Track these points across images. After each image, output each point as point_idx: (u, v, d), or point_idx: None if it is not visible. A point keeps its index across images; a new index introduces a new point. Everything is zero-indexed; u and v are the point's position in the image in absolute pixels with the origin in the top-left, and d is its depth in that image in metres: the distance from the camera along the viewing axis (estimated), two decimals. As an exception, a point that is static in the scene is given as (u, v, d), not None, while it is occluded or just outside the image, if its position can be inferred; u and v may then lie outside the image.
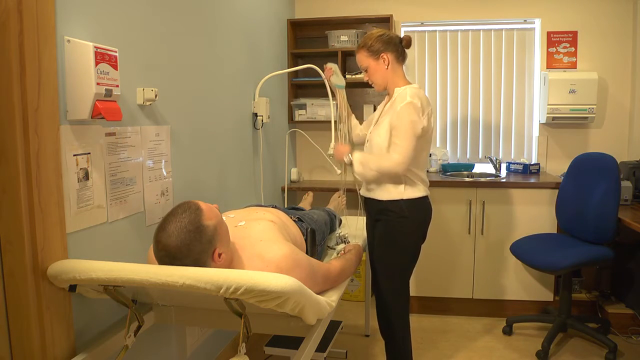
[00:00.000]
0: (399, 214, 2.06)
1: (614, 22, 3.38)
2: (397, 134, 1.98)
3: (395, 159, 1.97)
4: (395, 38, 2.10)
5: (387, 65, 2.08)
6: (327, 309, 1.50)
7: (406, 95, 2.00)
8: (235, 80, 2.56)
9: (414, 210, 2.07)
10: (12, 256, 1.27)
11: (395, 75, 2.11)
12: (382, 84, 2.13)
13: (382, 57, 2.07)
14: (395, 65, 2.10)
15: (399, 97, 2.03)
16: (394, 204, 2.06)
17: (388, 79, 2.11)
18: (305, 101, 3.58)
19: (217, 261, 1.37)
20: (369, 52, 2.09)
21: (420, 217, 2.11)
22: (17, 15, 1.20)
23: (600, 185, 2.66)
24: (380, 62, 2.08)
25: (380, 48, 2.07)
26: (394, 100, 2.07)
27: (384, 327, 2.17)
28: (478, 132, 3.68)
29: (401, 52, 2.12)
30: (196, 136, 2.14)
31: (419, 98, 1.99)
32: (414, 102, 1.96)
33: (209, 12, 2.25)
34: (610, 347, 2.60)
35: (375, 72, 2.11)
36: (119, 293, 1.37)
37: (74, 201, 1.39)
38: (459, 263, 3.19)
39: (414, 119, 1.96)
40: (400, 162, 1.96)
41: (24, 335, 1.29)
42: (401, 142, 1.97)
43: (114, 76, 1.42)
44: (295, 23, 3.63)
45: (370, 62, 2.10)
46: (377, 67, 2.10)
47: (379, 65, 2.09)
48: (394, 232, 2.08)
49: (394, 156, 1.97)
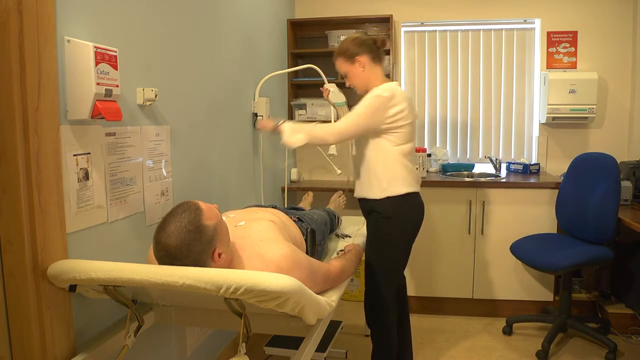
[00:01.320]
0: (384, 215, 2.08)
1: (614, 22, 3.38)
2: (348, 114, 2.06)
3: (330, 128, 2.04)
4: (368, 40, 2.14)
5: (363, 67, 2.12)
6: (327, 309, 1.50)
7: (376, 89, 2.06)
8: (235, 80, 2.56)
9: (399, 210, 2.08)
10: (12, 256, 1.27)
11: (373, 76, 2.14)
12: (362, 86, 2.16)
13: (357, 60, 2.12)
14: (371, 66, 2.13)
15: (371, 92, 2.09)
16: (378, 204, 2.09)
17: (366, 81, 2.15)
18: (305, 101, 3.58)
19: (217, 261, 1.37)
20: (344, 57, 2.14)
21: (406, 216, 2.11)
22: (17, 15, 1.20)
23: (600, 185, 2.66)
24: (356, 65, 2.13)
25: (354, 52, 2.11)
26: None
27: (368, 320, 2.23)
28: (478, 132, 3.68)
29: (376, 52, 2.15)
30: (196, 136, 2.14)
31: (389, 90, 2.03)
32: (379, 94, 2.01)
33: (209, 12, 2.25)
34: (610, 347, 2.60)
35: (354, 76, 2.16)
36: (119, 293, 1.37)
37: (74, 201, 1.39)
38: (459, 263, 3.19)
39: (371, 103, 2.01)
40: (336, 132, 2.02)
41: (24, 335, 1.29)
42: (345, 119, 2.04)
43: (114, 76, 1.42)
44: (295, 23, 3.63)
45: (347, 68, 2.15)
46: (354, 71, 2.14)
47: (355, 69, 2.14)
48: (379, 232, 2.11)
49: (331, 126, 2.05)
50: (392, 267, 2.15)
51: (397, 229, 2.10)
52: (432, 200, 3.11)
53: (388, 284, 2.14)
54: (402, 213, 2.09)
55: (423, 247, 3.18)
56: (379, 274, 2.14)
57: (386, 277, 2.14)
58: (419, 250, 3.17)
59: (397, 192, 2.07)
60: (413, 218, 2.14)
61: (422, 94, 3.70)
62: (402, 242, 2.14)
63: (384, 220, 2.09)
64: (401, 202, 2.08)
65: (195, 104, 2.13)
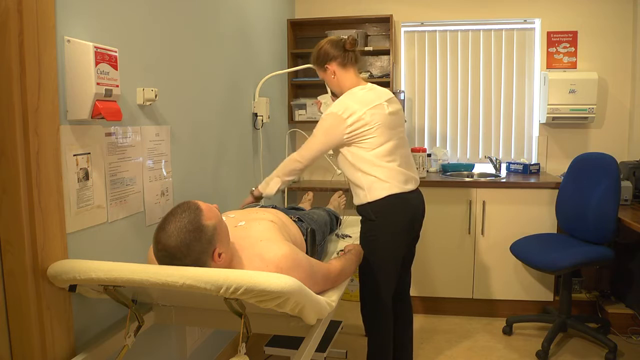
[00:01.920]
0: (368, 218, 2.08)
1: (614, 22, 3.38)
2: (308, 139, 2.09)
3: (296, 156, 2.09)
4: (335, 43, 2.09)
5: (334, 74, 2.11)
6: (327, 309, 1.50)
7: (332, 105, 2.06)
8: (235, 80, 2.56)
9: (382, 213, 2.03)
10: (12, 256, 1.27)
11: (344, 81, 2.12)
12: (339, 92, 2.15)
13: (327, 68, 2.11)
14: (340, 72, 2.11)
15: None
16: (362, 209, 2.09)
17: (339, 86, 2.14)
18: (305, 101, 3.58)
19: (217, 261, 1.37)
20: (317, 66, 2.15)
21: (390, 218, 2.04)
22: (17, 15, 1.20)
23: (600, 185, 2.66)
24: (328, 73, 2.12)
25: (323, 59, 2.11)
26: None
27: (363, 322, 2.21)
28: (478, 132, 3.68)
29: (345, 56, 2.09)
30: (196, 136, 2.14)
31: (343, 104, 2.01)
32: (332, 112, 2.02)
33: (209, 12, 2.25)
34: (610, 347, 2.60)
35: (329, 82, 2.17)
36: (119, 293, 1.37)
37: (74, 201, 1.39)
38: (459, 263, 3.19)
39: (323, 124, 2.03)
40: (294, 160, 2.08)
41: (24, 335, 1.29)
42: (306, 144, 2.07)
43: (114, 76, 1.42)
44: (295, 23, 3.63)
45: (322, 75, 2.17)
46: (327, 78, 2.15)
47: (328, 76, 2.14)
48: (366, 236, 2.10)
49: (296, 153, 2.09)
50: (381, 268, 2.09)
51: (382, 232, 2.04)
52: (432, 201, 3.11)
53: (379, 285, 2.10)
54: (385, 216, 2.03)
55: (423, 247, 3.18)
56: (370, 276, 2.11)
57: (376, 278, 2.10)
58: (420, 250, 3.16)
59: (377, 196, 2.02)
60: (399, 221, 2.06)
61: (422, 94, 3.70)
62: (388, 244, 2.06)
63: (368, 223, 2.07)
64: (383, 206, 2.02)
65: (195, 104, 2.13)
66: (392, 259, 2.11)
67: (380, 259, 2.09)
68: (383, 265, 2.10)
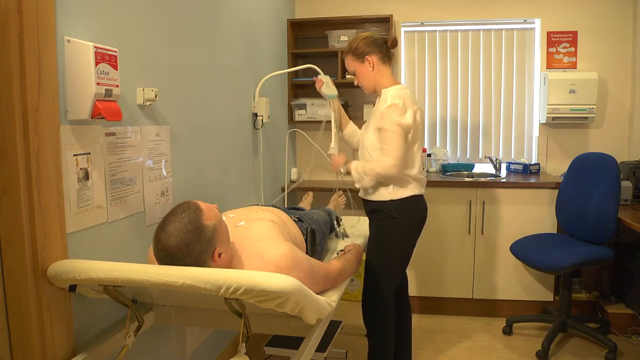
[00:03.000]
0: (388, 215, 2.09)
1: (614, 22, 3.38)
2: (384, 138, 2.02)
3: (387, 163, 2.00)
4: (379, 39, 2.13)
5: (372, 67, 2.11)
6: (327, 309, 1.50)
7: (387, 97, 2.05)
8: (235, 80, 2.56)
9: (403, 211, 2.09)
10: (12, 256, 1.27)
11: (381, 77, 2.13)
12: (370, 86, 2.16)
13: (367, 59, 2.11)
14: (380, 67, 2.12)
15: (382, 99, 2.09)
16: (383, 205, 2.10)
17: (375, 80, 2.14)
18: (305, 101, 3.58)
19: (217, 261, 1.37)
20: (354, 55, 2.13)
21: (410, 217, 2.12)
22: (17, 15, 1.20)
23: (600, 185, 2.66)
24: (366, 64, 2.12)
25: (365, 51, 2.10)
26: (378, 103, 2.12)
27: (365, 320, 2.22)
28: (478, 132, 3.68)
29: (386, 52, 2.14)
30: (196, 136, 2.14)
31: (400, 98, 2.02)
32: (395, 103, 2.00)
33: (209, 12, 2.25)
34: (610, 347, 2.60)
35: (362, 75, 2.15)
36: (119, 293, 1.37)
37: (74, 201, 1.39)
38: (459, 263, 3.19)
39: (397, 120, 1.99)
40: (392, 164, 2.00)
41: (24, 335, 1.29)
42: (389, 146, 2.00)
43: (114, 76, 1.42)
44: (295, 23, 3.63)
45: (356, 66, 2.14)
46: (363, 70, 2.13)
47: (365, 68, 2.13)
48: (382, 233, 2.12)
49: (385, 160, 2.01)
50: (392, 267, 2.15)
51: (399, 229, 2.10)
52: (432, 200, 3.10)
53: (387, 284, 2.14)
54: (406, 214, 2.10)
55: (423, 247, 3.18)
56: (378, 274, 2.14)
57: (385, 277, 2.14)
58: (420, 250, 3.17)
59: (403, 195, 2.09)
60: (416, 220, 2.15)
61: (422, 94, 3.70)
62: (403, 242, 2.14)
63: (388, 220, 2.10)
64: (405, 204, 2.09)
65: (195, 104, 2.13)
66: (404, 258, 2.17)
67: (393, 257, 2.13)
68: (394, 263, 2.14)
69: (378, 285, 2.14)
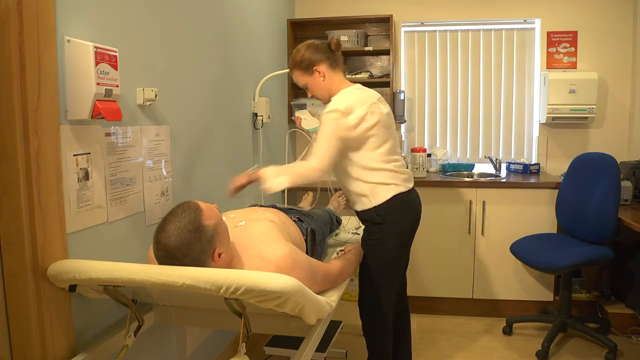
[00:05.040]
0: (373, 222, 2.01)
1: (614, 22, 3.38)
2: (316, 140, 1.93)
3: (309, 165, 1.90)
4: (321, 45, 2.03)
5: (323, 77, 2.02)
6: (327, 309, 1.50)
7: (331, 102, 1.96)
8: (235, 80, 2.56)
9: (388, 215, 1.99)
10: (12, 256, 1.27)
11: (334, 84, 2.03)
12: (325, 96, 2.06)
13: (316, 70, 2.00)
14: (330, 74, 2.02)
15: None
16: (366, 214, 2.02)
17: (328, 90, 2.04)
18: (305, 101, 3.58)
19: (217, 261, 1.37)
20: (301, 69, 2.02)
21: (397, 218, 2.01)
22: (17, 15, 1.20)
23: (600, 185, 2.66)
24: (315, 75, 2.01)
25: (311, 61, 1.99)
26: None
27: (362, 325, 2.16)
28: (478, 132, 3.68)
29: (333, 57, 2.04)
30: (196, 136, 2.14)
31: (343, 102, 1.92)
32: (334, 109, 1.90)
33: (209, 12, 2.25)
34: (610, 347, 2.60)
35: (314, 87, 2.04)
36: (119, 293, 1.37)
37: (74, 201, 1.39)
38: (459, 263, 3.19)
39: (330, 125, 1.90)
40: (314, 168, 1.89)
41: (24, 335, 1.29)
42: (317, 150, 1.90)
43: (114, 76, 1.42)
44: (295, 23, 3.63)
45: (306, 79, 2.03)
46: (314, 82, 2.02)
47: (315, 79, 2.02)
48: (370, 239, 2.04)
49: (308, 163, 1.91)
50: (387, 271, 2.06)
51: (386, 233, 2.01)
52: (432, 200, 3.10)
53: (384, 288, 2.07)
54: (393, 217, 2.00)
55: (423, 247, 3.18)
56: (373, 279, 2.06)
57: (381, 281, 2.06)
58: (419, 251, 3.17)
59: (382, 199, 1.98)
60: (406, 220, 2.05)
61: (422, 94, 3.70)
62: (393, 245, 2.03)
63: (375, 226, 2.01)
64: (389, 207, 1.99)
65: (195, 104, 2.13)
66: (399, 261, 2.09)
67: (386, 262, 2.04)
68: (388, 268, 2.06)
69: (374, 290, 2.07)
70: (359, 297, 2.15)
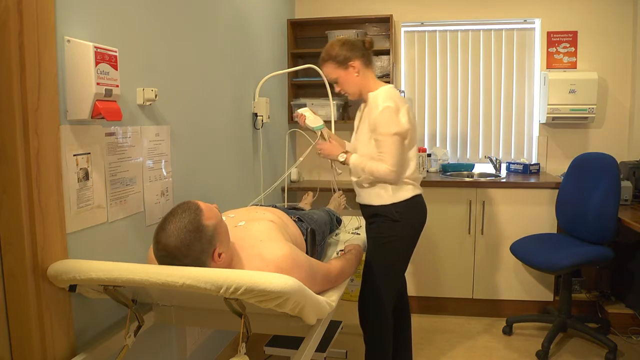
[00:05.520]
0: (391, 218, 2.05)
1: (614, 22, 3.38)
2: (380, 144, 1.97)
3: (384, 169, 1.97)
4: (358, 42, 2.07)
5: (357, 72, 2.05)
6: (327, 309, 1.50)
7: (377, 99, 1.99)
8: (235, 80, 2.56)
9: (405, 213, 2.06)
10: (12, 256, 1.27)
11: (366, 80, 2.08)
12: (356, 92, 2.09)
13: (351, 65, 2.04)
14: (364, 71, 2.07)
15: (372, 102, 2.03)
16: (384, 209, 2.06)
17: (360, 86, 2.07)
18: (305, 101, 3.58)
19: (217, 261, 1.37)
20: (336, 63, 2.04)
21: (412, 218, 2.09)
22: (17, 15, 1.20)
23: (600, 185, 2.66)
24: (350, 70, 2.05)
25: (347, 56, 2.03)
26: (368, 107, 2.06)
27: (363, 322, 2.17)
28: (478, 132, 3.68)
29: (367, 55, 2.08)
30: (196, 136, 2.14)
31: (391, 99, 1.97)
32: (387, 106, 1.94)
33: (209, 12, 2.25)
34: (610, 347, 2.60)
35: (346, 82, 2.07)
36: (119, 293, 1.37)
37: (74, 201, 1.39)
38: (459, 263, 3.19)
39: (392, 124, 1.94)
40: (390, 171, 1.96)
41: (24, 335, 1.29)
42: (385, 153, 1.96)
43: (114, 76, 1.42)
44: (295, 23, 3.63)
45: (339, 73, 2.06)
46: (347, 76, 2.06)
47: (349, 74, 2.05)
48: (382, 235, 2.07)
49: (382, 167, 1.97)
50: (393, 269, 2.11)
51: (401, 232, 2.07)
52: (432, 200, 3.09)
53: (388, 287, 2.10)
54: (408, 216, 2.07)
55: (423, 247, 3.18)
56: (379, 277, 2.09)
57: (386, 280, 2.10)
58: (419, 250, 3.16)
59: (403, 197, 2.05)
60: (417, 221, 2.12)
61: (422, 94, 3.70)
62: (405, 244, 2.10)
63: (390, 223, 2.05)
64: (407, 206, 2.06)
65: (195, 104, 2.13)
66: (406, 259, 2.14)
67: (395, 259, 2.09)
68: (396, 266, 2.11)
69: (378, 288, 2.10)
70: (361, 294, 2.17)
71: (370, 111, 2.02)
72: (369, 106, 2.06)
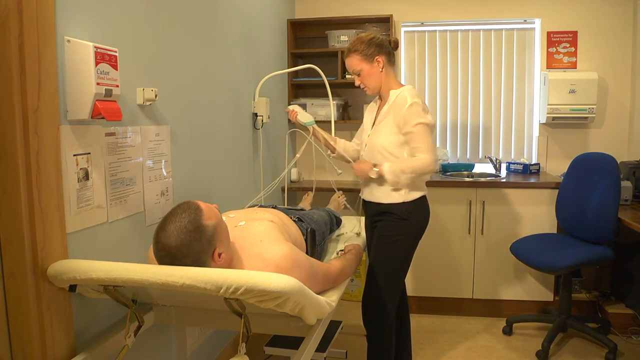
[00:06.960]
0: (401, 217, 2.08)
1: (614, 22, 3.38)
2: (414, 137, 2.01)
3: (426, 159, 2.00)
4: (385, 40, 2.13)
5: (382, 68, 2.10)
6: (327, 309, 1.50)
7: (406, 97, 2.04)
8: (235, 80, 2.56)
9: (414, 213, 2.09)
10: (12, 256, 1.27)
11: (388, 78, 2.13)
12: (376, 87, 2.14)
13: (377, 60, 2.09)
14: (387, 68, 2.12)
15: (399, 99, 2.06)
16: (394, 207, 2.08)
17: (382, 82, 2.13)
18: (305, 101, 3.58)
19: (217, 261, 1.37)
20: (362, 55, 2.09)
21: (421, 218, 2.13)
22: (17, 15, 1.20)
23: (600, 185, 2.66)
24: (375, 65, 2.10)
25: (374, 51, 2.08)
26: (393, 104, 2.08)
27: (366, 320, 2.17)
28: (478, 132, 3.68)
29: (392, 54, 2.14)
30: (196, 136, 2.14)
31: (417, 97, 2.04)
32: (416, 102, 2.01)
33: (209, 12, 2.25)
34: (610, 347, 2.60)
35: (369, 75, 2.11)
36: (119, 293, 1.37)
37: (74, 201, 1.39)
38: (459, 263, 3.19)
39: (423, 118, 2.00)
40: (432, 159, 2.01)
41: (24, 335, 1.29)
42: (422, 143, 2.01)
43: (114, 76, 1.42)
44: (295, 23, 3.63)
45: (363, 66, 2.10)
46: (372, 70, 2.10)
47: (374, 68, 2.10)
48: (389, 233, 2.09)
49: (423, 157, 2.00)
50: (398, 268, 2.13)
51: (408, 231, 2.09)
52: (432, 200, 3.06)
53: (393, 285, 2.12)
54: (416, 216, 2.10)
55: (424, 247, 3.16)
56: (384, 275, 2.11)
57: (391, 278, 2.12)
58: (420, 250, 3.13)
59: (414, 196, 2.09)
60: (424, 221, 2.15)
61: (422, 94, 3.70)
62: (410, 243, 2.13)
63: (399, 221, 2.08)
64: (416, 206, 2.09)
65: (195, 104, 2.13)
66: (410, 258, 2.17)
67: (400, 258, 2.11)
68: (401, 265, 2.13)
69: (382, 287, 2.11)
70: (365, 292, 2.18)
71: (396, 107, 2.06)
72: (393, 103, 2.08)
